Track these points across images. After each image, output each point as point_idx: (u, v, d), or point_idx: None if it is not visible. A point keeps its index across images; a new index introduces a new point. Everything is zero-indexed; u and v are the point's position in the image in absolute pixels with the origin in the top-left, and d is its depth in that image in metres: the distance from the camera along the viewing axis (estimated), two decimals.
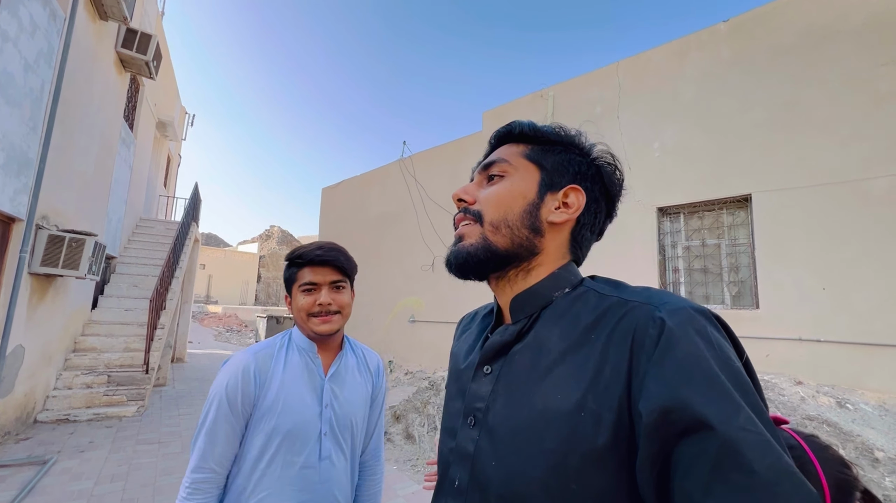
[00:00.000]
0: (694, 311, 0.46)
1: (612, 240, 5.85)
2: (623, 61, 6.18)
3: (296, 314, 1.12)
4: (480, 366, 0.60)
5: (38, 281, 4.75)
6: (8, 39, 3.71)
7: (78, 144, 5.34)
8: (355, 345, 1.30)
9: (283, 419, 1.03)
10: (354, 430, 1.15)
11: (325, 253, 1.12)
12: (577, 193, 0.60)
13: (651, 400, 0.42)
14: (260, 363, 1.06)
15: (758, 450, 0.37)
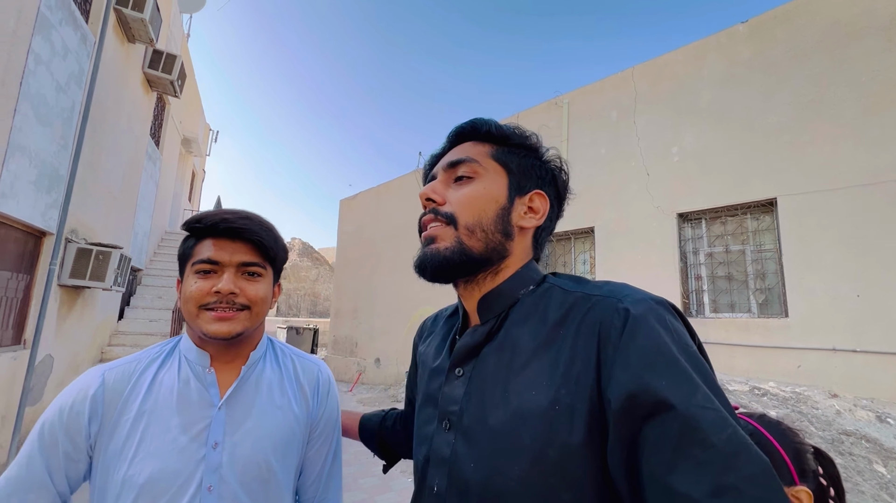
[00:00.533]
0: (654, 302, 0.48)
1: (631, 247, 5.75)
2: (639, 66, 6.10)
3: (182, 306, 0.77)
4: (452, 369, 0.59)
5: (67, 292, 4.93)
6: (41, 62, 3.91)
7: (106, 161, 5.56)
8: (285, 351, 0.92)
9: (137, 467, 0.69)
10: (268, 478, 0.76)
11: (238, 220, 0.77)
12: (541, 199, 0.62)
13: (618, 386, 0.44)
14: (111, 385, 0.73)
15: (715, 426, 0.40)
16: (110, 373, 0.75)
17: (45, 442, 0.69)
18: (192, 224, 0.79)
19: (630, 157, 5.98)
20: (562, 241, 6.90)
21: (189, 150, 11.38)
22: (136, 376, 0.76)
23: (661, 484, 0.40)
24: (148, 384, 0.75)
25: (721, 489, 0.37)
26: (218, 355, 0.79)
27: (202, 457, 0.72)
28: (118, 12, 5.36)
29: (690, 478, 0.38)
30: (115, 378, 0.75)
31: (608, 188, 6.18)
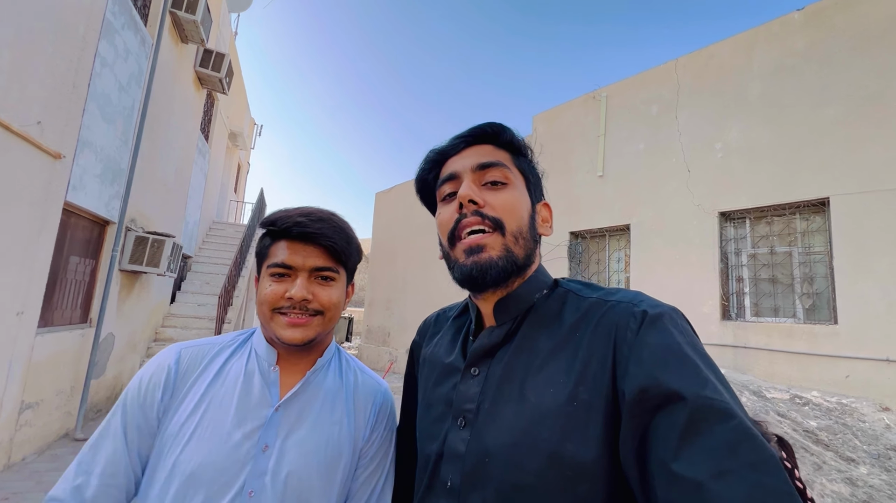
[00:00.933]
0: (668, 308, 0.51)
1: (669, 246, 5.58)
2: (683, 58, 5.86)
3: (258, 306, 0.76)
4: (468, 369, 0.61)
5: (126, 277, 5.36)
6: (106, 65, 4.25)
7: (161, 155, 5.96)
8: (350, 363, 0.87)
9: (187, 453, 0.67)
10: (310, 498, 0.71)
11: (312, 223, 0.75)
12: (547, 209, 0.66)
13: (631, 381, 0.46)
14: (184, 364, 0.73)
15: (722, 416, 0.41)
16: (186, 351, 0.76)
17: (127, 411, 0.71)
18: (266, 225, 0.77)
19: (670, 152, 5.78)
20: (596, 237, 6.78)
21: (235, 144, 11.94)
22: (208, 360, 0.75)
23: (668, 470, 0.41)
24: (216, 370, 0.75)
25: (724, 472, 0.38)
26: (286, 355, 0.78)
27: (251, 457, 0.69)
28: (173, 15, 5.70)
29: (695, 463, 0.39)
30: (190, 357, 0.75)
31: (646, 185, 6.01)
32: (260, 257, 0.79)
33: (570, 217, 6.88)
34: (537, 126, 7.78)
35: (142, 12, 5.12)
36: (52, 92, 3.36)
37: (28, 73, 3.05)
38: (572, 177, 6.98)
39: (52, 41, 3.30)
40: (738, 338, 4.85)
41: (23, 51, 2.97)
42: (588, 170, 6.75)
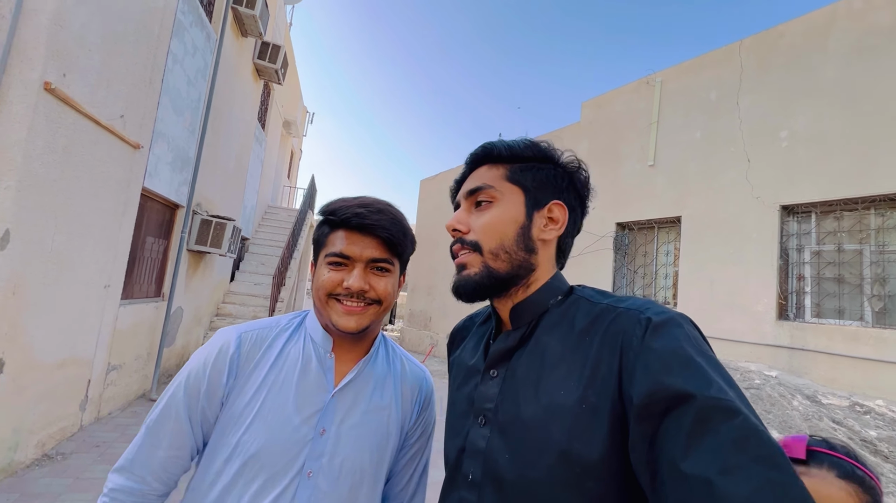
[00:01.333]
0: (675, 315, 0.53)
1: (723, 240, 5.32)
2: (747, 39, 5.46)
3: (314, 292, 0.79)
4: (487, 370, 0.65)
5: (193, 256, 5.85)
6: (177, 61, 4.61)
7: (223, 144, 6.40)
8: (396, 351, 0.91)
9: (250, 434, 0.71)
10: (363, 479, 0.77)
11: (371, 215, 0.77)
12: (560, 208, 0.65)
13: (639, 386, 0.48)
14: (245, 347, 0.77)
15: (728, 414, 0.42)
16: (246, 335, 0.78)
17: (190, 394, 0.74)
18: (325, 214, 0.79)
19: (729, 141, 5.45)
20: (644, 229, 6.56)
21: (289, 132, 12.48)
22: (268, 344, 0.78)
23: (676, 470, 0.42)
24: (276, 354, 0.78)
25: (731, 468, 0.39)
26: (340, 342, 0.81)
27: (309, 440, 0.73)
28: (234, 10, 6.03)
29: (703, 461, 0.40)
30: (251, 341, 0.77)
31: (700, 175, 5.72)
32: (317, 244, 0.81)
33: (617, 208, 6.69)
34: (586, 112, 7.56)
35: (207, 10, 5.46)
36: (131, 88, 3.71)
37: (113, 73, 3.40)
38: (620, 166, 6.76)
39: (132, 42, 3.63)
40: (795, 340, 4.58)
41: (109, 52, 3.31)
42: (638, 158, 6.51)
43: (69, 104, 2.91)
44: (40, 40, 2.68)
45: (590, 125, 7.43)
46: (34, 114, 2.64)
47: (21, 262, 2.69)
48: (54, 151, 2.82)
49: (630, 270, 6.65)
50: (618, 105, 7.02)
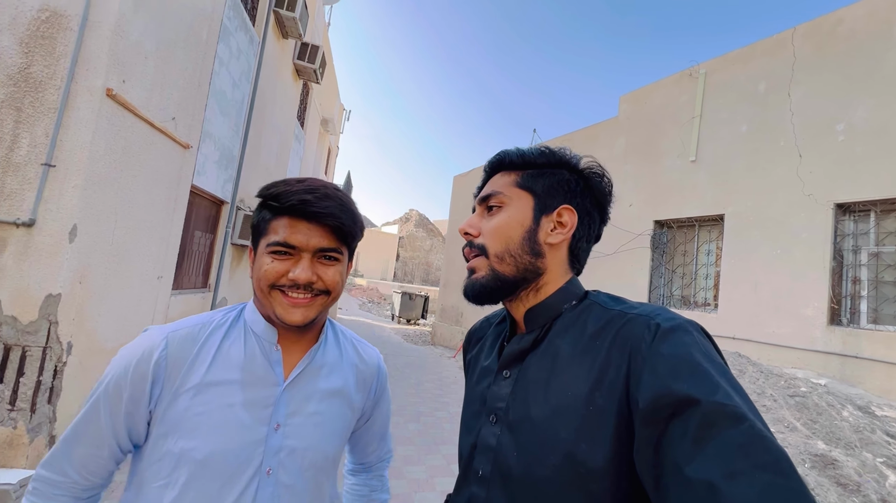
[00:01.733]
0: (684, 321, 0.53)
1: (769, 240, 5.07)
2: (802, 26, 5.14)
3: (255, 282, 0.73)
4: (500, 371, 0.66)
5: (236, 250, 6.16)
6: (223, 64, 4.85)
7: (265, 142, 6.67)
8: (346, 335, 0.89)
9: (196, 441, 0.66)
10: (325, 467, 0.77)
11: (318, 201, 0.70)
12: (569, 213, 0.65)
13: (645, 390, 0.48)
14: (175, 350, 0.70)
15: (733, 419, 0.43)
16: (174, 335, 0.71)
17: (111, 398, 0.68)
18: (268, 199, 0.72)
19: (778, 134, 5.16)
20: (683, 227, 6.33)
21: (326, 129, 12.82)
22: (201, 342, 0.72)
23: (681, 474, 0.42)
24: (213, 353, 0.71)
25: (735, 473, 0.39)
26: (286, 333, 0.76)
27: (263, 437, 0.70)
28: (276, 13, 6.26)
29: (707, 466, 0.41)
30: (180, 341, 0.71)
31: (746, 171, 5.45)
32: (256, 230, 0.74)
33: (656, 205, 6.48)
34: (623, 107, 7.35)
35: (251, 14, 5.70)
36: (182, 92, 3.95)
37: (166, 77, 3.63)
38: (660, 161, 6.54)
39: (183, 48, 3.86)
40: (848, 347, 4.30)
41: (162, 59, 3.53)
42: (679, 154, 6.27)
43: (128, 108, 3.14)
44: (103, 50, 2.90)
45: (628, 120, 7.21)
46: (97, 118, 2.87)
47: (87, 255, 2.94)
48: (115, 152, 3.06)
49: (668, 270, 6.44)
50: (657, 99, 6.77)
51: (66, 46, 2.85)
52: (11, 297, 2.70)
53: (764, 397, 3.65)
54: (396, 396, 5.73)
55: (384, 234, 36.49)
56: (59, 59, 2.84)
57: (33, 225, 2.74)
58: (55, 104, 2.81)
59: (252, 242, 0.76)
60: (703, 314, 5.72)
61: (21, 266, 2.72)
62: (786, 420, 3.33)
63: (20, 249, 2.73)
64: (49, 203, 2.77)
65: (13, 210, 2.74)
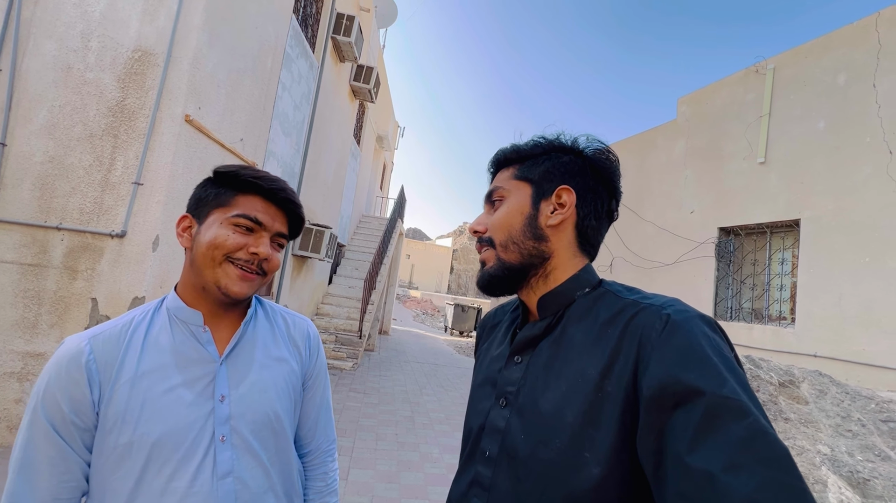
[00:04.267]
0: (696, 314, 0.53)
1: (856, 246, 4.60)
2: (886, 10, 4.64)
3: (204, 251, 0.74)
4: (512, 356, 0.68)
5: (297, 260, 6.57)
6: (286, 89, 5.27)
7: (323, 160, 7.10)
8: (274, 308, 0.92)
9: (145, 427, 0.69)
10: (277, 428, 0.80)
11: (288, 192, 0.79)
12: (567, 192, 0.65)
13: (651, 378, 0.49)
14: (99, 351, 0.71)
15: (737, 413, 0.43)
16: (97, 339, 0.72)
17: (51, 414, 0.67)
18: (250, 178, 0.76)
19: (863, 130, 4.67)
20: (753, 234, 5.85)
21: (381, 146, 13.37)
22: (127, 338, 0.73)
23: (681, 462, 0.43)
24: (141, 345, 0.73)
25: (736, 466, 0.40)
26: (211, 314, 0.78)
27: (210, 410, 0.73)
28: (333, 39, 6.71)
29: (709, 457, 0.42)
30: (104, 342, 0.72)
31: (825, 171, 4.97)
32: (206, 201, 0.76)
33: (720, 211, 6.07)
34: (682, 109, 7.00)
35: (310, 41, 6.16)
36: (249, 115, 4.34)
37: (235, 103, 4.02)
38: (724, 165, 6.13)
39: (250, 76, 4.26)
40: None
41: (232, 86, 3.92)
42: (745, 156, 5.85)
43: (203, 132, 3.51)
44: (183, 81, 3.29)
45: (687, 122, 6.85)
46: (177, 141, 3.24)
47: (167, 262, 3.29)
48: (191, 171, 3.42)
49: (736, 280, 5.96)
50: (720, 98, 6.39)
51: (154, 80, 3.26)
52: (106, 299, 3.09)
53: (850, 421, 3.25)
54: (445, 405, 5.76)
55: (438, 246, 36.99)
56: (147, 92, 3.25)
57: (124, 236, 3.13)
58: (144, 130, 3.21)
59: (197, 212, 0.77)
60: (778, 329, 5.22)
61: (114, 272, 3.11)
62: (876, 447, 2.95)
63: (113, 257, 3.13)
64: (137, 216, 3.15)
65: (109, 223, 3.15)
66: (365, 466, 3.57)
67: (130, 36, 3.30)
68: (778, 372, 3.80)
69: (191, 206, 0.79)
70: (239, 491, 0.73)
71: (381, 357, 8.59)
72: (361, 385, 6.12)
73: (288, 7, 4.97)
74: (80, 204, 3.17)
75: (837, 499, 2.49)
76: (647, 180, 7.33)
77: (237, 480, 0.73)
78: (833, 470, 2.73)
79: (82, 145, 3.20)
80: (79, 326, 3.06)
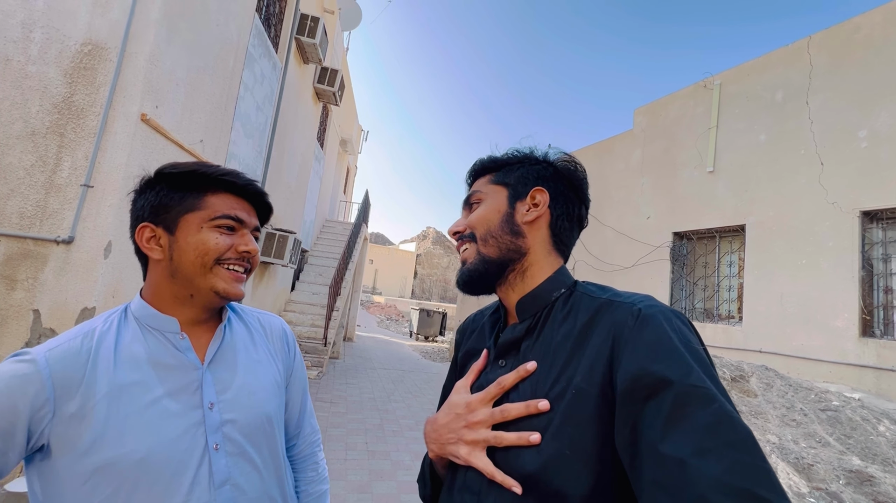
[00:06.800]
0: (667, 308, 0.57)
1: (794, 250, 4.96)
2: (817, 35, 5.11)
3: (190, 261, 0.70)
4: (496, 360, 0.69)
5: (260, 267, 6.33)
6: (248, 89, 5.09)
7: (286, 162, 6.91)
8: (245, 310, 0.90)
9: (130, 444, 0.63)
10: (268, 430, 0.78)
11: (253, 182, 0.77)
12: (541, 193, 0.70)
13: (624, 372, 0.52)
14: (59, 367, 0.63)
15: (703, 400, 0.46)
16: (52, 353, 0.64)
17: None
18: (220, 177, 0.73)
19: (798, 143, 5.09)
20: (704, 239, 6.23)
21: (345, 150, 13.17)
22: (92, 351, 0.67)
23: (654, 451, 0.46)
24: (113, 357, 0.67)
25: (704, 450, 0.43)
26: (190, 320, 0.75)
27: (200, 419, 0.69)
28: (297, 40, 6.56)
29: (679, 443, 0.44)
30: (62, 358, 0.64)
31: (766, 180, 5.38)
32: (180, 206, 0.72)
33: (674, 216, 6.41)
34: (638, 120, 7.36)
35: (273, 42, 5.99)
36: (209, 116, 4.16)
37: (195, 102, 3.84)
38: (677, 173, 6.50)
39: (210, 74, 4.09)
40: (883, 359, 4.13)
41: (192, 85, 3.75)
42: (696, 165, 6.23)
43: (160, 132, 3.33)
44: (139, 78, 3.11)
45: (643, 132, 7.21)
46: (132, 141, 3.05)
47: (120, 269, 3.09)
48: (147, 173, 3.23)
49: (689, 282, 6.32)
50: (672, 111, 6.77)
51: (106, 76, 3.06)
52: (50, 310, 2.85)
53: (794, 411, 3.52)
54: (414, 412, 5.72)
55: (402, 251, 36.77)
56: (99, 88, 3.05)
57: (72, 242, 2.90)
58: (94, 129, 3.00)
59: (159, 220, 0.72)
60: (728, 327, 5.57)
61: (60, 281, 2.88)
62: (818, 435, 3.21)
63: (59, 265, 2.89)
64: (87, 221, 2.94)
65: (54, 228, 2.91)
66: (335, 477, 3.48)
67: (79, 28, 3.08)
68: (730, 367, 4.05)
69: (145, 213, 0.74)
70: (237, 497, 0.71)
71: (346, 364, 8.41)
72: (328, 394, 5.97)
73: (251, 5, 4.82)
74: (20, 207, 2.92)
75: (786, 485, 2.69)
76: (607, 187, 7.64)
77: (234, 487, 0.71)
78: (781, 457, 2.94)
79: (22, 143, 2.95)
80: (18, 341, 2.80)
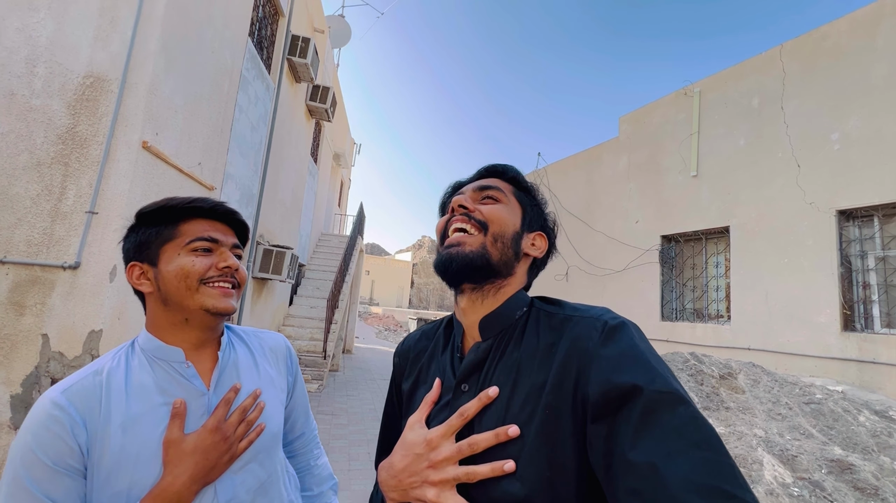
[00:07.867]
0: (627, 320, 0.59)
1: (776, 249, 5.15)
2: (788, 43, 5.34)
3: (175, 286, 0.74)
4: (458, 386, 0.65)
5: (257, 283, 6.43)
6: (242, 111, 5.24)
7: (281, 180, 7.04)
8: (246, 331, 0.93)
9: (144, 470, 0.68)
10: (272, 446, 0.83)
11: (221, 203, 0.82)
12: (543, 239, 0.72)
13: (594, 385, 0.52)
14: (79, 403, 0.68)
15: (670, 405, 0.47)
16: (70, 391, 0.69)
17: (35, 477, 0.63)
18: (185, 205, 0.78)
19: (776, 147, 5.30)
20: (691, 241, 6.41)
21: (338, 164, 13.32)
22: (103, 386, 0.71)
23: (625, 460, 0.46)
24: (124, 390, 0.71)
25: (673, 453, 0.44)
26: (192, 347, 0.78)
27: None
28: (289, 61, 6.73)
29: (649, 449, 0.45)
30: (79, 393, 0.69)
31: (747, 183, 5.57)
32: (159, 239, 0.77)
33: (661, 220, 6.59)
34: (623, 127, 7.57)
35: (266, 63, 6.16)
36: (207, 139, 4.29)
37: (192, 127, 3.97)
38: (662, 178, 6.69)
39: (207, 99, 4.23)
40: (865, 352, 4.29)
41: (189, 110, 3.89)
42: (680, 170, 6.42)
43: (160, 158, 3.46)
44: (139, 107, 3.24)
45: (628, 139, 7.42)
46: (135, 168, 3.18)
47: (125, 293, 3.19)
48: (149, 198, 3.35)
49: (679, 283, 6.48)
50: (656, 118, 6.99)
51: (108, 106, 3.19)
52: (59, 334, 2.94)
53: (779, 406, 3.66)
54: None
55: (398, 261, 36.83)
56: (101, 118, 3.18)
57: (78, 267, 3.01)
58: (98, 158, 3.13)
59: (143, 257, 0.78)
60: (717, 326, 5.73)
61: (67, 305, 2.98)
62: (802, 427, 3.34)
63: (66, 290, 3.00)
64: (92, 247, 3.05)
65: (61, 254, 3.02)
66: (340, 488, 3.56)
67: (81, 62, 3.22)
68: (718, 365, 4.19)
69: (132, 254, 0.79)
70: None
71: (346, 377, 8.48)
72: (329, 407, 6.04)
73: (244, 30, 4.98)
74: (27, 236, 3.02)
75: (772, 475, 2.81)
76: (596, 193, 7.82)
77: None
78: (767, 450, 3.07)
79: (29, 174, 3.07)
80: (28, 365, 2.89)
